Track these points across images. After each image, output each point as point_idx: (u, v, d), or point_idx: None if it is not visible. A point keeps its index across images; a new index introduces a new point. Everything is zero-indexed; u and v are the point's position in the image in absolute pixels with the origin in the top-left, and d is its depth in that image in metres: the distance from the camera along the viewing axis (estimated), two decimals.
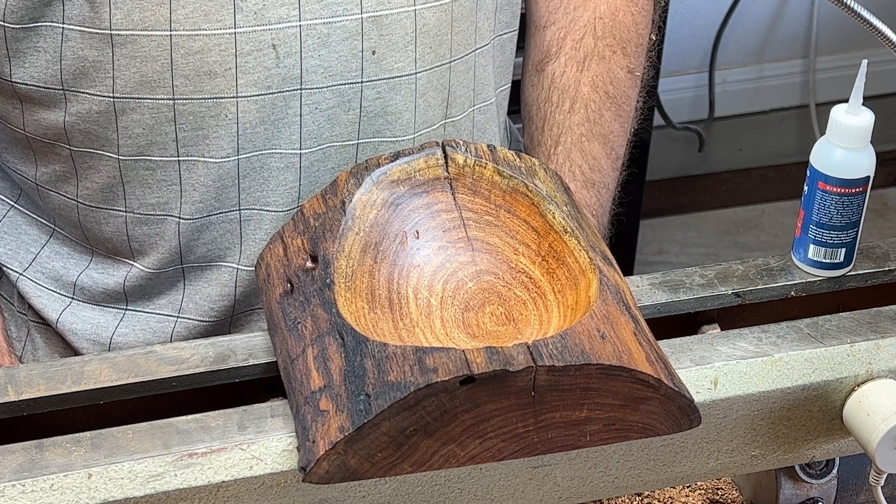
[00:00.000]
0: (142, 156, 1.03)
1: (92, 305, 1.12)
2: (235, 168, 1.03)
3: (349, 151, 1.05)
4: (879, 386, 0.88)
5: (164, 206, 1.05)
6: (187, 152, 1.03)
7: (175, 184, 1.04)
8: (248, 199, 1.05)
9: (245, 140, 1.02)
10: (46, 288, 1.13)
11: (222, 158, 1.03)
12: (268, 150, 1.03)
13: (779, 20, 2.63)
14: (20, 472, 0.77)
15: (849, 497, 1.01)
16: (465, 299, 0.86)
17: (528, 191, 0.89)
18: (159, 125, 1.01)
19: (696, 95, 2.64)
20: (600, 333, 0.77)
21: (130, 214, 1.07)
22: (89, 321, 1.12)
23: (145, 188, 1.05)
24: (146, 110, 1.01)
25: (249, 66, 0.99)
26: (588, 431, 0.79)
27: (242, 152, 1.03)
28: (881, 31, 0.90)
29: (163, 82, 0.99)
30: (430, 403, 0.73)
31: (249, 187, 1.05)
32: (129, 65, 0.99)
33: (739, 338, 0.90)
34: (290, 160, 1.04)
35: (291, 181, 1.05)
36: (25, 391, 0.84)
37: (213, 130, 1.01)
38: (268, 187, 1.05)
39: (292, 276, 0.85)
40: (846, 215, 0.93)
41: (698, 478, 0.92)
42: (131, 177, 1.05)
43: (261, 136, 1.02)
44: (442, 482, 0.84)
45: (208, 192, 1.04)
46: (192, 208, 1.05)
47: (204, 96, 1.00)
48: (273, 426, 0.81)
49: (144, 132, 1.02)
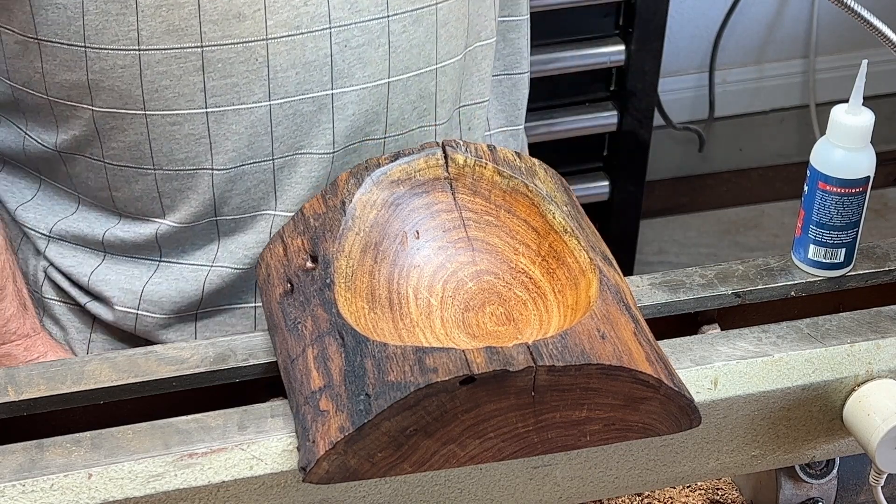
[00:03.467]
0: (168, 110, 1.02)
1: (125, 258, 1.11)
2: (268, 115, 1.03)
3: (381, 91, 1.05)
4: (879, 386, 0.88)
5: (193, 160, 1.04)
6: (216, 103, 1.02)
7: (204, 136, 1.03)
8: (282, 147, 1.05)
9: (276, 85, 1.01)
10: (77, 245, 1.11)
11: (254, 104, 1.02)
12: (299, 96, 1.03)
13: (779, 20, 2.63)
14: (20, 472, 0.77)
15: (849, 497, 1.01)
16: (465, 299, 0.86)
17: (528, 191, 0.89)
18: (186, 75, 1.00)
19: (696, 95, 2.64)
20: (600, 333, 0.77)
21: (160, 171, 1.05)
22: (123, 272, 1.10)
23: (173, 143, 1.04)
24: (173, 61, 1.00)
25: (278, 5, 0.99)
26: (588, 431, 0.79)
27: (274, 98, 1.02)
28: (881, 31, 0.90)
29: (190, 29, 0.98)
30: (430, 403, 0.73)
31: (283, 135, 1.04)
32: (154, 14, 0.98)
33: (739, 338, 0.90)
34: (322, 102, 1.04)
35: (325, 123, 1.04)
36: (25, 391, 0.84)
37: (244, 77, 1.01)
38: (301, 132, 1.04)
39: (292, 276, 0.85)
40: (846, 215, 0.93)
41: (698, 478, 0.92)
42: (158, 133, 1.03)
43: (292, 80, 1.02)
44: (442, 482, 0.84)
45: (241, 141, 1.03)
46: (225, 158, 1.04)
47: (233, 41, 0.99)
48: (273, 426, 0.81)
49: (171, 84, 1.01)
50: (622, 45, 2.03)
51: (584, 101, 2.10)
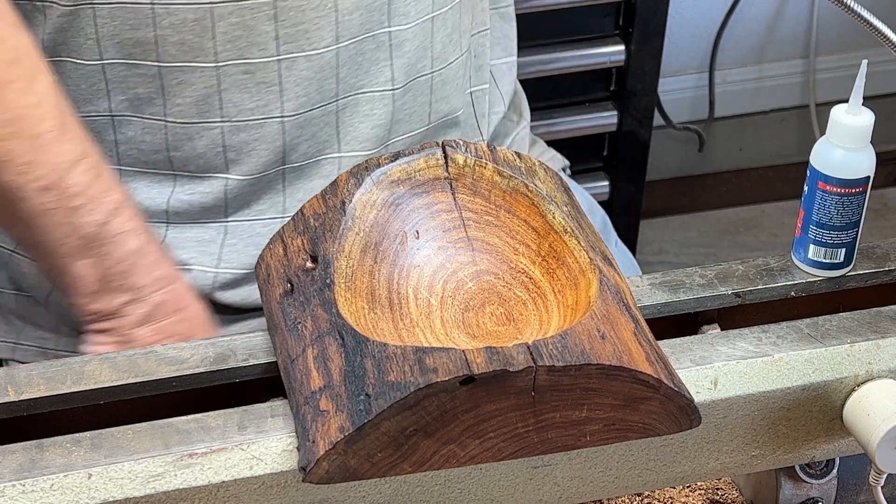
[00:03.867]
0: (241, 59, 1.02)
1: (191, 224, 1.10)
2: (335, 58, 1.05)
3: (427, 26, 1.09)
4: (879, 386, 0.88)
5: (263, 108, 1.05)
6: (288, 49, 1.03)
7: (275, 84, 1.04)
8: (345, 87, 1.07)
9: (343, 28, 1.04)
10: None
11: (324, 49, 1.04)
12: (362, 35, 1.05)
13: (779, 20, 2.62)
14: (20, 472, 0.77)
15: (849, 497, 1.01)
16: (465, 299, 0.86)
17: (528, 191, 0.89)
18: (259, 25, 1.01)
19: (696, 95, 2.64)
20: (600, 333, 0.77)
21: (227, 123, 1.05)
22: (193, 239, 1.10)
23: (244, 93, 1.04)
24: (246, 11, 1.00)
25: None
26: (588, 431, 0.79)
27: (341, 41, 1.04)
28: (881, 31, 0.90)
29: None
30: (430, 403, 0.73)
31: (346, 76, 1.06)
32: None
33: (739, 338, 0.90)
34: (380, 40, 1.06)
35: (384, 61, 1.07)
36: (25, 391, 0.84)
37: (314, 23, 1.02)
38: (362, 71, 1.07)
39: (292, 276, 0.85)
40: (846, 215, 0.93)
41: (698, 478, 0.92)
42: (229, 83, 1.03)
43: (356, 21, 1.04)
44: (442, 482, 0.84)
45: (310, 85, 1.05)
46: (295, 104, 1.05)
47: None
48: (273, 426, 0.81)
49: (244, 34, 1.01)
50: (622, 45, 2.03)
51: (584, 101, 2.10)
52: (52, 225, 0.96)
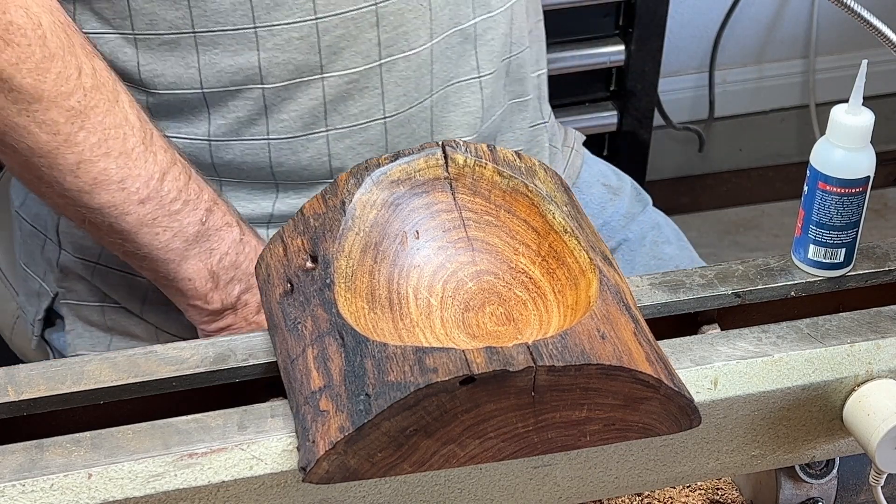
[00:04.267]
0: (345, 69, 1.04)
1: None
2: (430, 55, 1.07)
3: (507, 14, 1.12)
4: (879, 386, 0.88)
5: (366, 112, 1.06)
6: (388, 53, 1.04)
7: (377, 87, 1.05)
8: (438, 81, 1.09)
9: (436, 25, 1.06)
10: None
11: (420, 47, 1.06)
12: (451, 29, 1.08)
13: (779, 20, 2.62)
14: (20, 472, 0.77)
15: (849, 497, 1.01)
16: (465, 299, 0.86)
17: (528, 191, 0.89)
18: (362, 33, 1.03)
19: (696, 95, 2.64)
20: (600, 333, 0.77)
21: (332, 131, 1.06)
22: None
23: (348, 101, 1.05)
24: (350, 22, 1.02)
25: None
26: (588, 431, 0.79)
27: (434, 37, 1.06)
28: (881, 31, 0.90)
29: None
30: (430, 403, 0.73)
31: (438, 70, 1.08)
32: None
33: (739, 338, 0.90)
34: (467, 33, 1.09)
35: (469, 52, 1.10)
36: (25, 391, 0.84)
37: (412, 24, 1.04)
38: (451, 63, 1.09)
39: (292, 276, 0.85)
40: (846, 215, 0.93)
41: (698, 478, 0.92)
42: (333, 94, 1.05)
43: (446, 17, 1.07)
44: (442, 482, 0.84)
45: (408, 84, 1.07)
46: (395, 104, 1.07)
47: None
48: (273, 426, 0.81)
49: (348, 44, 1.03)
50: (622, 45, 2.02)
51: (584, 101, 2.10)
52: (156, 233, 0.99)
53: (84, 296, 1.16)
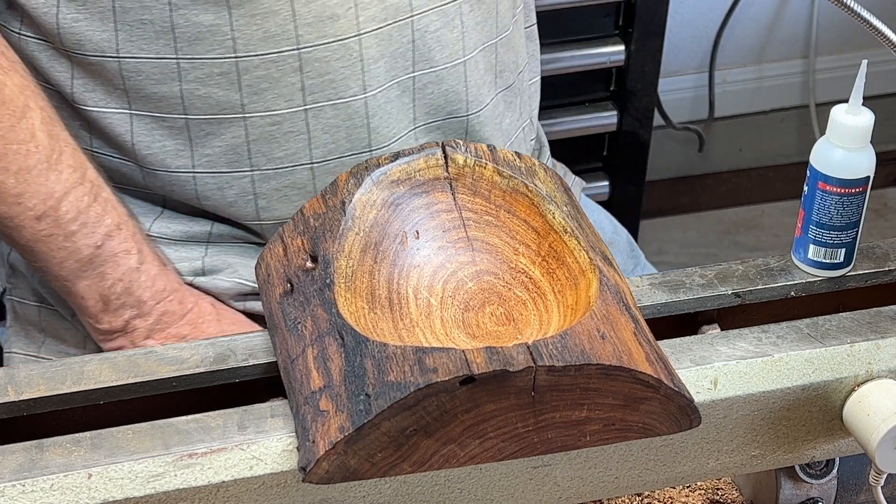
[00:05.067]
0: (267, 111, 1.03)
1: (231, 244, 1.12)
2: (363, 107, 1.05)
3: (458, 70, 1.09)
4: (879, 386, 0.88)
5: (292, 156, 1.06)
6: (314, 99, 1.04)
7: (303, 132, 1.05)
8: (378, 138, 1.07)
9: (369, 77, 1.04)
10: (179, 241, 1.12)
11: (350, 98, 1.04)
12: (388, 84, 1.06)
13: (779, 20, 2.62)
14: (20, 472, 0.77)
15: (849, 497, 1.01)
16: (465, 299, 0.86)
17: (528, 191, 0.89)
18: (285, 77, 1.02)
19: (696, 95, 2.64)
20: (600, 333, 0.77)
21: (257, 172, 1.06)
22: (226, 262, 1.12)
23: (272, 143, 1.05)
24: (271, 65, 1.01)
25: (366, 1, 1.02)
26: (588, 431, 0.79)
27: (368, 90, 1.05)
28: (881, 31, 0.90)
29: (286, 34, 1.00)
30: (430, 403, 0.73)
31: (378, 125, 1.06)
32: (249, 23, 0.99)
33: (739, 338, 0.90)
34: (405, 85, 1.07)
35: (407, 104, 1.07)
36: (25, 391, 0.84)
37: (340, 73, 1.03)
38: (391, 118, 1.07)
39: (292, 276, 0.85)
40: (846, 215, 0.93)
41: (698, 478, 0.92)
42: (257, 134, 1.04)
43: (381, 69, 1.05)
44: (442, 482, 0.84)
45: (339, 133, 1.05)
46: (324, 151, 1.06)
47: (328, 40, 1.01)
48: (273, 426, 0.81)
49: (270, 86, 1.02)
50: (622, 45, 2.02)
51: (584, 101, 2.10)
52: (49, 250, 1.01)
53: (25, 294, 1.18)
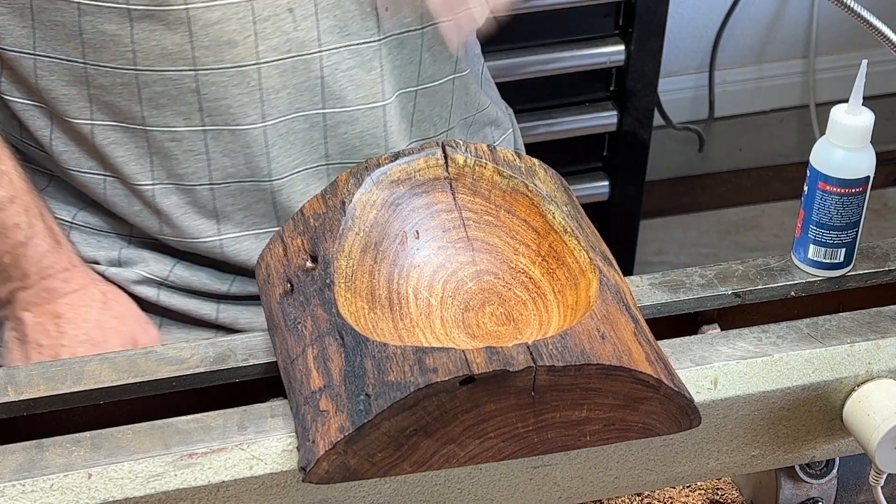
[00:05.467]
0: (167, 127, 1.03)
1: (149, 250, 1.12)
2: (262, 135, 1.04)
3: (376, 114, 1.07)
4: (879, 386, 0.88)
5: (192, 175, 1.06)
6: (212, 121, 1.03)
7: (202, 153, 1.05)
8: (279, 168, 1.06)
9: (269, 106, 1.03)
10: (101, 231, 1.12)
11: (248, 126, 1.03)
12: (292, 115, 1.04)
13: (779, 20, 2.62)
14: (20, 472, 0.77)
15: (849, 497, 1.01)
16: (465, 299, 0.86)
17: (528, 191, 0.89)
18: (182, 96, 1.02)
19: (696, 95, 2.64)
20: (600, 333, 0.77)
21: (159, 186, 1.07)
22: (142, 256, 1.12)
23: (171, 159, 1.05)
24: (169, 82, 1.01)
25: (268, 31, 1.01)
26: (588, 431, 0.79)
27: (268, 119, 1.04)
28: (881, 31, 0.90)
29: (183, 54, 1.00)
30: (430, 403, 0.73)
31: (279, 154, 1.05)
32: (147, 38, 0.99)
33: (739, 338, 0.90)
34: (314, 120, 1.05)
35: (318, 139, 1.06)
36: (25, 391, 0.84)
37: (237, 99, 1.02)
38: (295, 150, 1.06)
39: (292, 276, 0.85)
40: (846, 215, 0.93)
41: (698, 478, 0.92)
42: (157, 148, 1.05)
43: (284, 101, 1.04)
44: (442, 482, 0.84)
45: (238, 158, 1.05)
46: (223, 174, 1.06)
47: (225, 65, 1.01)
48: (273, 426, 0.81)
49: (169, 103, 1.02)
50: (622, 45, 2.02)
51: (584, 101, 2.10)
52: None
53: None
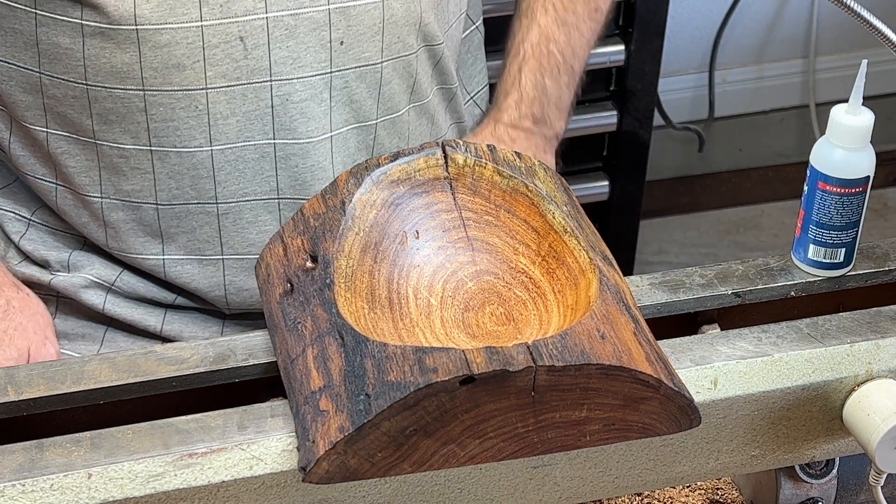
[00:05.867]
0: (116, 143, 1.04)
1: (98, 255, 1.13)
2: (209, 159, 1.04)
3: (324, 146, 1.06)
4: (879, 386, 0.88)
5: (138, 192, 1.06)
6: (159, 142, 1.03)
7: (148, 172, 1.05)
8: (226, 192, 1.06)
9: (217, 132, 1.03)
10: (57, 231, 1.14)
11: (195, 149, 1.03)
12: (241, 143, 1.04)
13: (779, 20, 2.62)
14: (20, 472, 0.77)
15: (849, 497, 1.01)
16: (465, 299, 0.86)
17: (528, 191, 0.89)
18: (131, 114, 1.02)
19: (696, 95, 2.64)
20: (600, 333, 0.77)
21: (107, 200, 1.07)
22: (90, 259, 1.12)
23: (119, 175, 1.06)
24: (118, 100, 1.02)
25: (217, 58, 1.00)
26: (588, 431, 0.78)
27: (215, 144, 1.03)
28: (881, 31, 0.90)
29: (132, 74, 1.00)
30: (430, 403, 0.73)
31: (226, 180, 1.05)
32: (98, 55, 1.00)
33: (739, 338, 0.90)
34: (264, 150, 1.05)
35: (268, 171, 1.06)
36: (25, 391, 0.84)
37: (184, 122, 1.02)
38: (244, 179, 1.05)
39: (292, 276, 0.85)
40: (846, 215, 0.93)
41: (698, 478, 0.92)
42: (106, 163, 1.05)
43: (233, 128, 1.03)
44: (442, 482, 0.84)
45: (184, 180, 1.05)
46: (168, 195, 1.06)
47: (173, 88, 1.01)
48: (273, 426, 0.81)
49: (118, 119, 1.03)
50: (622, 45, 2.02)
51: (584, 101, 2.10)
52: None
53: None
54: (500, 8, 1.51)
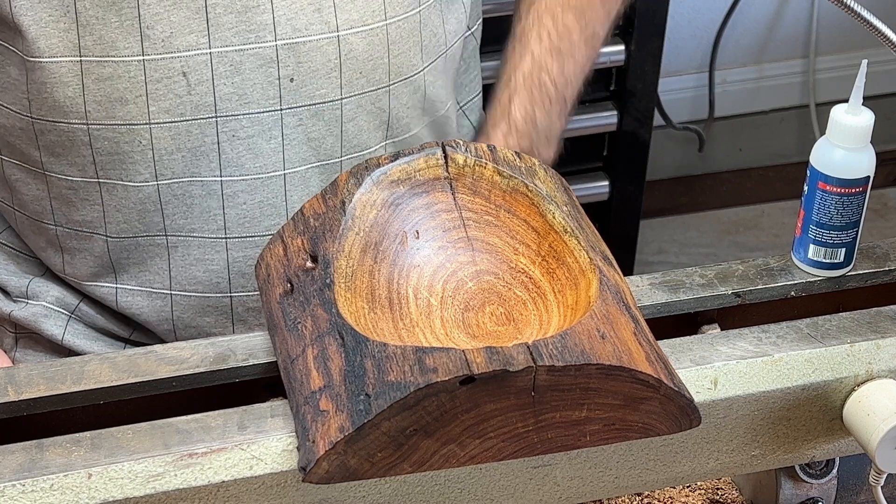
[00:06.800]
0: (63, 175, 1.03)
1: (57, 283, 1.13)
2: (156, 193, 1.03)
3: (276, 183, 1.05)
4: (879, 386, 0.88)
5: (89, 223, 1.05)
6: (106, 175, 1.02)
7: (97, 204, 1.04)
8: (174, 226, 1.05)
9: (162, 167, 1.02)
10: (20, 253, 1.14)
11: (141, 183, 1.02)
12: (188, 178, 1.03)
13: (779, 20, 2.63)
14: (20, 472, 0.77)
15: (849, 497, 1.01)
16: (465, 299, 0.86)
17: (528, 191, 0.89)
18: (76, 148, 1.01)
19: (696, 95, 2.64)
20: (600, 333, 0.77)
21: (60, 229, 1.07)
22: (51, 287, 1.12)
23: (69, 206, 1.05)
24: (63, 133, 1.01)
25: (160, 93, 0.99)
26: (588, 431, 0.79)
27: (161, 178, 1.02)
28: (881, 31, 0.90)
29: (76, 108, 0.99)
30: (430, 403, 0.73)
31: (174, 213, 1.04)
32: (40, 89, 0.99)
33: (739, 338, 0.90)
34: (211, 188, 1.03)
35: (216, 208, 1.04)
36: (25, 391, 0.84)
37: (129, 156, 1.01)
38: (192, 214, 1.04)
39: (292, 276, 0.85)
40: (846, 215, 0.93)
41: (698, 478, 0.92)
42: (56, 194, 1.05)
43: (179, 163, 1.02)
44: (442, 482, 0.84)
45: (131, 214, 1.04)
46: (117, 228, 1.05)
47: (117, 122, 1.00)
48: (273, 426, 0.81)
49: (64, 152, 1.02)
50: (622, 45, 2.03)
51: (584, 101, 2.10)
52: None
53: None
54: (499, 8, 1.51)
